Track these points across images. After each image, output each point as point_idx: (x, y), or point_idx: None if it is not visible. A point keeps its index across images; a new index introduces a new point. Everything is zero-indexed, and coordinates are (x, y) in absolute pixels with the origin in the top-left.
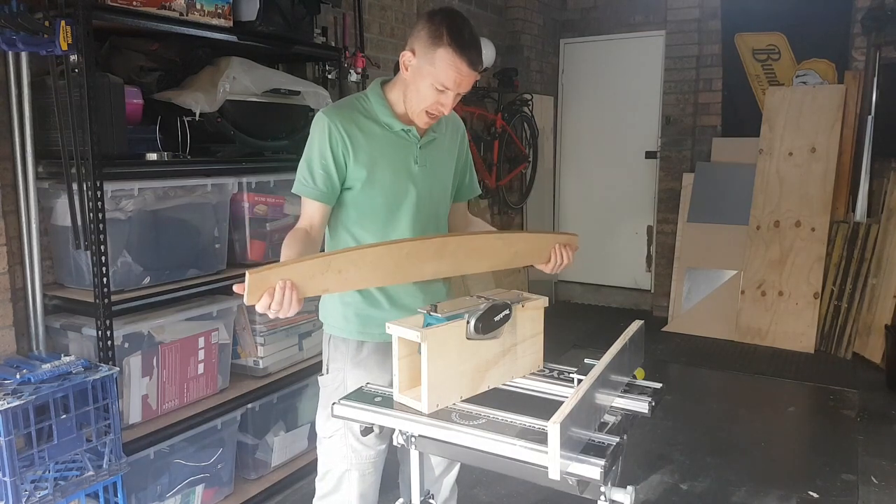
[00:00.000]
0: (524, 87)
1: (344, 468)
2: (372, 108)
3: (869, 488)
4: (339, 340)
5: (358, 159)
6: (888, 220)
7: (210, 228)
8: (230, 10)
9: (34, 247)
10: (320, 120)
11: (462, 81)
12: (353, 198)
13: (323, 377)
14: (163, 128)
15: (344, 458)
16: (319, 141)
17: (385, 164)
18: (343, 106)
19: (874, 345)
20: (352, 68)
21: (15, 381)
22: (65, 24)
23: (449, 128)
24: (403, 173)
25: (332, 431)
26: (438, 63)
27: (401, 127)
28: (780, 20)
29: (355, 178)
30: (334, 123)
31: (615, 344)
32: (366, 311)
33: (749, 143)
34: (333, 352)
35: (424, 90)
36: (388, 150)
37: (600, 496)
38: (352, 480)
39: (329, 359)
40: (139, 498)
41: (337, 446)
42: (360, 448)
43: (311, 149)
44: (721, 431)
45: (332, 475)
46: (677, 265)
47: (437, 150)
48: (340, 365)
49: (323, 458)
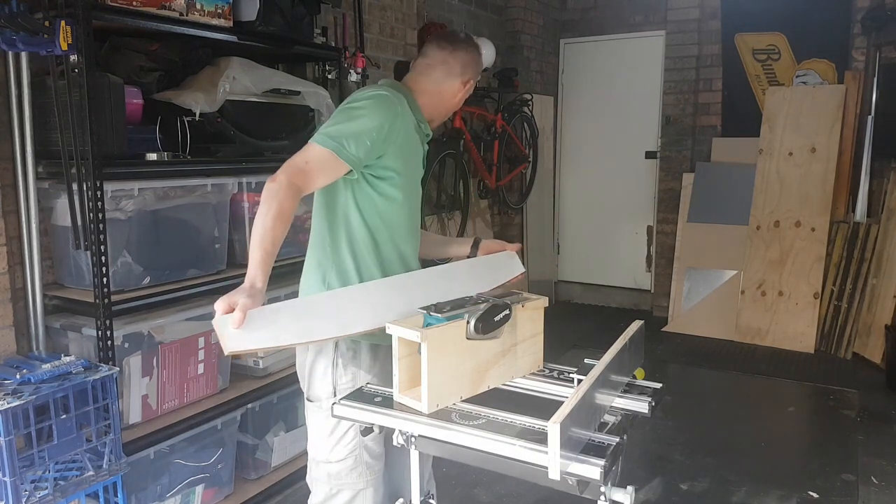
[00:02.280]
0: (524, 87)
1: (360, 487)
2: (408, 104)
3: (869, 488)
4: (344, 349)
5: (398, 149)
6: (888, 220)
7: (210, 228)
8: (230, 10)
9: (34, 247)
10: (387, 99)
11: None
12: (382, 188)
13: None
14: (163, 128)
15: (360, 476)
16: (381, 117)
17: (412, 162)
18: (399, 91)
19: (874, 345)
20: (352, 68)
21: (15, 381)
22: (65, 24)
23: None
24: (418, 174)
25: (346, 454)
26: (475, 66)
27: (427, 129)
28: (780, 20)
29: (388, 168)
30: (401, 107)
31: (615, 344)
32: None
33: (749, 143)
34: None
35: (465, 95)
36: (414, 148)
37: (600, 496)
38: (366, 497)
39: (336, 374)
40: (139, 498)
41: (351, 467)
42: (374, 463)
43: (368, 119)
44: (721, 431)
45: (344, 496)
46: (677, 265)
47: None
48: (353, 374)
49: (331, 482)
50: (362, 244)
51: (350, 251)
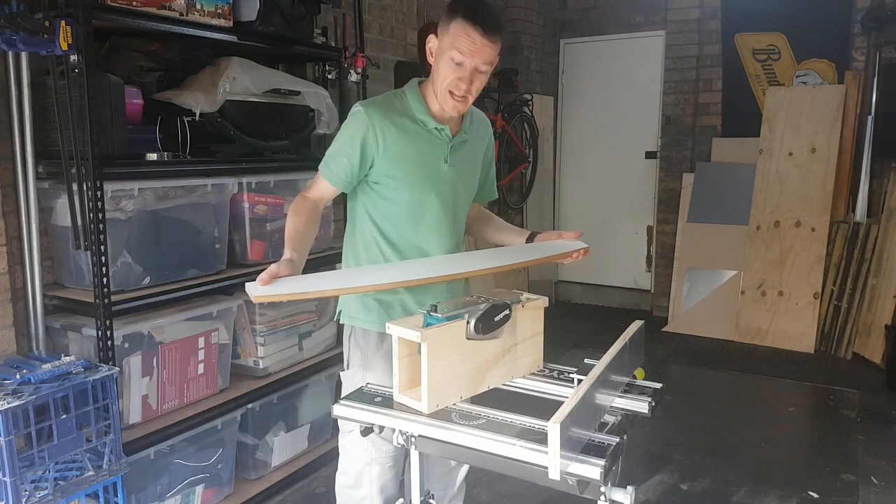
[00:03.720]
0: (524, 87)
1: (364, 462)
2: (408, 104)
3: (869, 488)
4: (359, 333)
5: (388, 155)
6: (888, 220)
7: (210, 228)
8: (230, 10)
9: (34, 247)
10: (358, 114)
11: (476, 51)
12: (382, 192)
13: (344, 373)
14: (163, 128)
15: (365, 451)
16: (352, 132)
17: (416, 162)
18: (380, 102)
19: (874, 345)
20: (352, 68)
21: (15, 381)
22: (65, 24)
23: (480, 130)
24: (433, 172)
25: (353, 426)
26: (452, 32)
27: (434, 125)
28: (780, 20)
29: (382, 174)
30: (371, 119)
31: (615, 344)
32: (387, 298)
33: (749, 143)
34: (354, 347)
35: (443, 67)
36: (420, 148)
37: (600, 496)
38: (372, 474)
39: (350, 354)
40: (139, 498)
41: (357, 440)
42: (380, 442)
43: (343, 136)
44: (721, 431)
45: (353, 469)
46: (677, 265)
47: (466, 151)
48: (360, 360)
49: (344, 453)
50: (373, 242)
51: (364, 247)
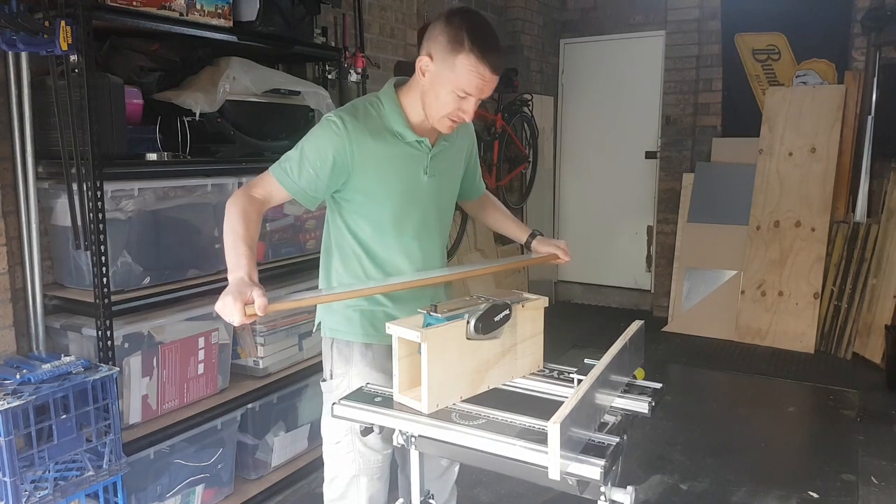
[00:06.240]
0: (524, 87)
1: (352, 473)
2: (385, 114)
3: (869, 488)
4: (342, 344)
5: (365, 170)
6: (888, 220)
7: (210, 228)
8: (230, 10)
9: (34, 247)
10: (332, 124)
11: (485, 87)
12: (359, 208)
13: (326, 383)
14: (163, 128)
15: (353, 462)
16: (324, 143)
17: (394, 175)
18: (357, 112)
19: (874, 345)
20: (352, 68)
21: (15, 381)
22: (65, 24)
23: (460, 133)
24: (413, 185)
25: (340, 437)
26: (460, 69)
27: (414, 138)
28: (780, 20)
29: (358, 190)
30: (347, 132)
31: (615, 344)
32: (369, 308)
33: (749, 143)
34: (337, 356)
35: (445, 97)
36: (398, 161)
37: (600, 496)
38: (360, 486)
39: (333, 364)
40: (139, 498)
41: (344, 451)
42: (368, 453)
43: (311, 145)
44: (721, 431)
45: (341, 480)
46: (677, 265)
47: (446, 159)
48: (345, 370)
49: (330, 463)
50: (353, 256)
51: (342, 261)
